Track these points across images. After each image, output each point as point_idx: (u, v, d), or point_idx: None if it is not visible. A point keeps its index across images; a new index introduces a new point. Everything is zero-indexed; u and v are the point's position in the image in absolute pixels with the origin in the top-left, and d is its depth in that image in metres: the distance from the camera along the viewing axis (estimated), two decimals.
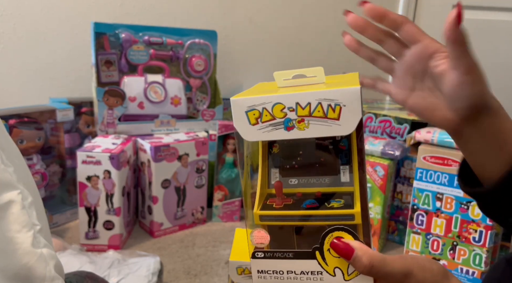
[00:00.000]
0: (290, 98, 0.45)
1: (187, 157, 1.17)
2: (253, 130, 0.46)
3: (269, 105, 0.45)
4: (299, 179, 0.51)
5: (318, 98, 0.44)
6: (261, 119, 0.46)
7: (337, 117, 0.44)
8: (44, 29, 1.38)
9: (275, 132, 0.46)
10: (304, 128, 0.45)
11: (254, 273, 0.49)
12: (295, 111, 0.45)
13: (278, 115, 0.45)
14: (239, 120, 0.47)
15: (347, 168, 0.49)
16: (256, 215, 0.49)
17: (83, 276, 0.68)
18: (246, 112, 0.46)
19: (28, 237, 0.49)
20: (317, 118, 0.44)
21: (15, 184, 0.50)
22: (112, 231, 1.07)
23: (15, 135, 1.07)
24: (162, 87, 1.24)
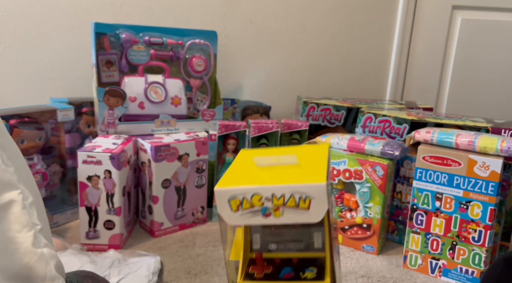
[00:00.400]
0: (267, 190, 0.51)
1: (187, 157, 1.18)
2: (235, 216, 0.53)
3: (248, 194, 0.52)
4: (278, 244, 0.58)
5: (291, 191, 0.51)
6: (241, 206, 0.52)
7: (307, 207, 0.50)
8: (44, 29, 1.38)
9: (254, 218, 0.52)
10: (279, 215, 0.51)
11: None
12: (271, 201, 0.51)
13: (256, 204, 0.52)
14: (222, 207, 0.53)
15: (320, 234, 0.56)
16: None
17: (84, 276, 0.68)
18: (228, 200, 0.52)
19: (29, 237, 0.49)
20: (290, 208, 0.51)
21: (16, 184, 0.50)
22: (112, 231, 1.07)
23: (16, 135, 1.07)
24: (162, 87, 1.25)
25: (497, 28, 1.74)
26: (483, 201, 0.96)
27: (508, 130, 1.06)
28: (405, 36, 1.77)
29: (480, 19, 1.75)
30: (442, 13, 1.76)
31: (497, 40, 1.75)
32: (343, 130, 1.40)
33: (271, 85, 1.69)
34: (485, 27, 1.75)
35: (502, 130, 1.07)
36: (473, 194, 0.97)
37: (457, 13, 1.76)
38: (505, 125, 1.09)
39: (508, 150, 0.93)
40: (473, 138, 0.97)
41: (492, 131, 1.07)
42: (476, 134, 0.98)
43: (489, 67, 1.78)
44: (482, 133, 1.00)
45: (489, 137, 0.97)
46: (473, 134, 0.98)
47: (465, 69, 1.80)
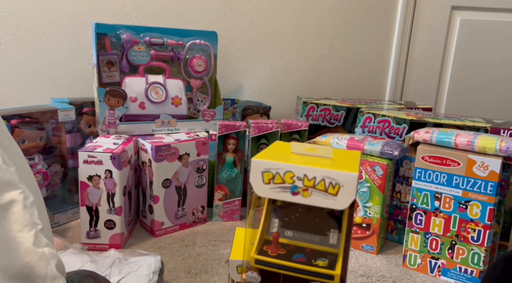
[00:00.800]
0: (300, 170, 0.54)
1: (187, 157, 1.18)
2: (265, 188, 0.55)
3: (282, 171, 0.54)
4: (294, 232, 0.59)
5: (323, 175, 0.53)
6: (273, 180, 0.55)
7: (335, 194, 0.53)
8: (45, 30, 1.38)
9: (282, 194, 0.55)
10: (307, 196, 0.54)
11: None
12: (302, 181, 0.54)
13: (288, 181, 0.54)
14: (255, 177, 0.56)
15: (336, 232, 0.57)
16: (252, 258, 0.57)
17: (84, 275, 0.68)
18: (262, 172, 0.55)
19: (30, 237, 0.50)
20: (319, 190, 0.53)
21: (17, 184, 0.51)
22: (113, 231, 1.08)
23: (17, 135, 1.07)
24: (163, 88, 1.25)
25: (496, 28, 1.74)
26: (482, 200, 0.96)
27: (507, 130, 1.06)
28: (404, 37, 1.77)
29: (479, 19, 1.75)
30: (441, 14, 1.76)
31: (496, 41, 1.75)
32: (342, 130, 1.40)
33: (271, 85, 1.70)
34: (484, 27, 1.75)
35: (501, 130, 1.07)
36: (472, 194, 0.97)
37: (456, 13, 1.76)
38: (504, 125, 1.10)
39: (507, 150, 0.94)
40: (472, 138, 0.97)
41: (491, 131, 1.07)
42: (475, 134, 0.98)
43: (488, 68, 1.78)
44: (481, 133, 1.00)
45: (488, 137, 0.97)
46: (472, 134, 0.99)
47: (464, 70, 1.80)
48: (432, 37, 1.78)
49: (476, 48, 1.78)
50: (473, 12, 1.76)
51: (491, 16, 1.75)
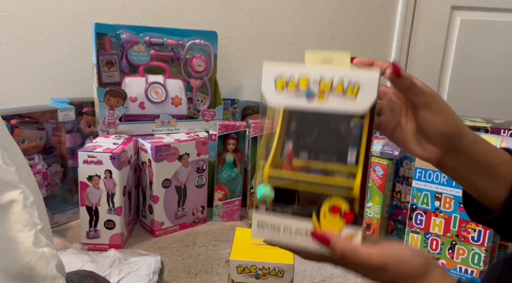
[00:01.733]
0: (316, 73, 0.49)
1: (187, 157, 1.18)
2: (278, 95, 0.51)
3: (296, 75, 0.50)
4: (309, 154, 0.54)
5: (341, 76, 0.48)
6: (287, 87, 0.51)
7: (354, 96, 0.48)
8: (45, 30, 1.38)
9: (297, 100, 0.50)
10: (323, 100, 0.49)
11: (254, 225, 0.52)
12: (318, 85, 0.49)
13: (302, 86, 0.50)
14: (267, 85, 0.51)
15: (355, 151, 0.52)
16: (265, 174, 0.52)
17: (84, 275, 0.68)
18: (275, 78, 0.51)
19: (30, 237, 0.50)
20: (337, 93, 0.49)
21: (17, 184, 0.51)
22: (113, 231, 1.08)
23: (17, 135, 1.07)
24: (162, 88, 1.25)
25: (497, 28, 1.74)
26: None
27: (507, 130, 1.06)
28: (404, 37, 1.77)
29: (479, 19, 1.75)
30: (441, 14, 1.76)
31: (496, 41, 1.75)
32: None
33: None
34: (485, 27, 1.75)
35: (501, 130, 1.07)
36: None
37: (457, 13, 1.76)
38: (504, 125, 1.09)
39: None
40: None
41: (491, 131, 1.07)
42: None
43: (488, 67, 1.78)
44: (481, 133, 1.00)
45: (488, 137, 0.97)
46: None
47: (464, 69, 1.80)
48: (432, 37, 1.78)
49: (476, 48, 1.77)
50: (474, 12, 1.76)
51: (491, 16, 1.75)
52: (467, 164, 0.54)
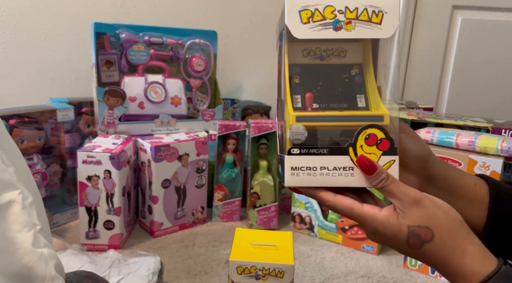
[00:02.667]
0: (341, 2, 0.51)
1: (187, 157, 1.18)
2: (304, 28, 0.51)
3: (321, 6, 0.51)
4: (320, 104, 0.55)
5: (365, 4, 0.51)
6: (312, 18, 0.51)
7: (379, 22, 0.51)
8: (44, 29, 1.38)
9: (324, 31, 0.51)
10: (351, 29, 0.51)
11: (287, 170, 0.51)
12: (344, 14, 0.51)
13: (328, 16, 0.51)
14: (292, 18, 0.52)
15: (363, 96, 0.54)
16: (292, 116, 0.52)
17: (84, 276, 0.68)
18: (299, 11, 0.51)
19: (29, 237, 0.49)
20: (363, 21, 0.51)
21: (16, 184, 0.50)
22: (112, 231, 1.07)
23: (16, 135, 1.07)
24: (162, 87, 1.25)
25: (498, 28, 1.74)
26: None
27: (508, 130, 1.06)
28: (405, 36, 1.77)
29: (480, 19, 1.75)
30: (442, 13, 1.76)
31: (497, 40, 1.75)
32: None
33: (271, 85, 1.69)
34: (486, 27, 1.75)
35: (502, 130, 1.06)
36: None
37: (457, 13, 1.76)
38: (505, 125, 1.09)
39: (508, 150, 0.93)
40: (473, 138, 0.97)
41: (493, 131, 1.07)
42: (477, 134, 0.98)
43: (489, 67, 1.78)
44: (483, 133, 1.00)
45: (490, 137, 0.97)
46: (473, 134, 0.98)
47: (465, 69, 1.80)
48: (433, 37, 1.78)
49: (477, 48, 1.77)
50: (474, 11, 1.75)
51: (492, 15, 1.74)
52: (445, 191, 0.56)
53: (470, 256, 0.47)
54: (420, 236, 0.48)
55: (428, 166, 0.56)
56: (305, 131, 0.51)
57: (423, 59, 1.80)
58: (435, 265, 0.49)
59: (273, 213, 1.24)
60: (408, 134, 0.55)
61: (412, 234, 0.48)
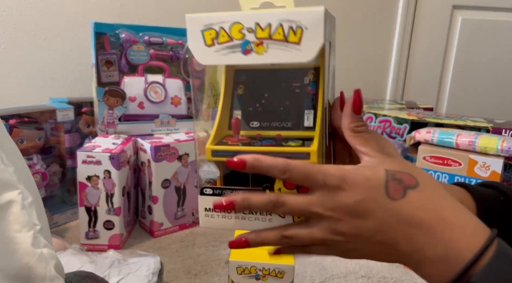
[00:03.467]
0: (250, 18, 0.42)
1: (187, 157, 1.17)
2: (209, 52, 0.44)
3: (227, 24, 0.43)
4: (261, 122, 0.48)
5: (280, 19, 0.41)
6: (217, 40, 0.43)
7: (297, 41, 0.41)
8: (44, 29, 1.38)
9: (232, 55, 0.43)
10: (263, 52, 0.42)
11: (201, 211, 0.46)
12: (254, 33, 0.42)
13: (236, 36, 0.43)
14: (194, 40, 0.44)
15: (312, 112, 0.46)
16: (208, 150, 0.46)
17: (83, 276, 0.68)
18: (202, 31, 0.44)
19: (28, 237, 0.49)
20: (277, 41, 0.41)
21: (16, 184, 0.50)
22: (112, 231, 1.07)
23: (16, 135, 1.07)
24: (162, 87, 1.25)
25: (498, 28, 1.74)
26: None
27: (508, 130, 1.06)
28: (405, 36, 1.77)
29: (480, 19, 1.75)
30: (442, 13, 1.76)
31: (497, 40, 1.75)
32: None
33: None
34: (486, 27, 1.75)
35: (502, 130, 1.06)
36: None
37: (458, 13, 1.76)
38: (505, 125, 1.09)
39: (508, 150, 0.93)
40: (473, 138, 0.97)
41: (493, 131, 1.07)
42: (477, 134, 0.98)
43: (489, 67, 1.78)
44: (483, 133, 1.00)
45: (490, 137, 0.97)
46: (473, 134, 0.98)
47: (466, 69, 1.80)
48: (433, 37, 1.78)
49: (477, 48, 1.77)
50: (474, 11, 1.76)
51: (492, 15, 1.75)
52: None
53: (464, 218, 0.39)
54: (401, 180, 0.39)
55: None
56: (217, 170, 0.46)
57: (423, 59, 1.81)
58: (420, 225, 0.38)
59: None
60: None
61: (391, 177, 0.38)
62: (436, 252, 0.37)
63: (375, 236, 0.39)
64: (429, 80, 1.83)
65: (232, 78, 0.49)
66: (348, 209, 0.38)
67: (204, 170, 0.46)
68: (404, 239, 0.38)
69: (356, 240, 0.39)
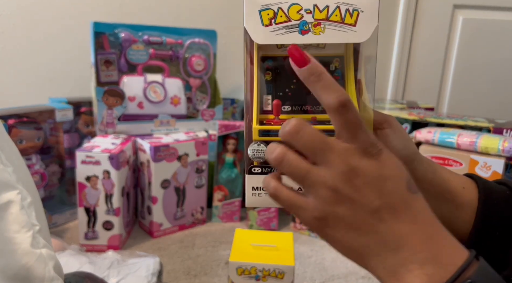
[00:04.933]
0: (308, 0, 0.43)
1: (186, 157, 1.17)
2: (265, 31, 0.44)
3: (285, 5, 0.43)
4: (293, 106, 0.49)
5: (337, 1, 0.43)
6: (275, 20, 0.44)
7: (353, 23, 0.43)
8: (43, 29, 1.37)
9: (289, 35, 0.44)
10: (320, 32, 0.43)
11: (248, 190, 0.47)
12: (312, 14, 0.43)
13: (294, 17, 0.43)
14: (251, 20, 0.45)
15: None
16: (255, 129, 0.46)
17: (83, 277, 0.67)
18: (259, 11, 0.44)
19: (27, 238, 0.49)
20: (334, 22, 0.43)
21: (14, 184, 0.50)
22: (111, 232, 1.07)
23: (14, 135, 1.06)
24: (161, 87, 1.24)
25: (499, 27, 1.74)
26: None
27: (510, 130, 1.06)
28: (406, 36, 1.77)
29: (481, 18, 1.75)
30: (443, 12, 1.76)
31: (498, 40, 1.75)
32: None
33: None
34: (487, 26, 1.75)
35: (503, 130, 1.06)
36: None
37: (459, 12, 1.76)
38: (506, 125, 1.09)
39: (509, 150, 0.93)
40: (474, 138, 0.96)
41: (494, 131, 1.07)
42: (478, 134, 0.98)
43: (490, 67, 1.78)
44: (484, 133, 0.99)
45: (491, 137, 0.96)
46: (474, 134, 0.98)
47: (467, 69, 1.80)
48: (434, 36, 1.78)
49: (478, 47, 1.77)
50: (476, 11, 1.75)
51: (493, 15, 1.74)
52: (431, 194, 0.51)
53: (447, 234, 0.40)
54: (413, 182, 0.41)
55: (414, 167, 0.50)
56: (265, 149, 0.45)
57: (424, 59, 1.80)
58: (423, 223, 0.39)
59: (273, 214, 1.23)
60: (394, 129, 0.50)
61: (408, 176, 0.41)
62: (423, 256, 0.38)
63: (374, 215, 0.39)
64: (430, 79, 1.82)
65: (259, 64, 0.50)
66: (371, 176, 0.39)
67: (253, 148, 0.46)
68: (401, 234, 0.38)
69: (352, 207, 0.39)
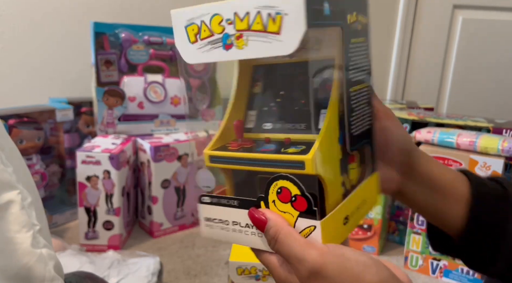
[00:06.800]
0: (228, 8, 0.36)
1: (187, 157, 1.17)
2: (192, 49, 0.39)
3: (207, 17, 0.38)
4: (274, 124, 0.44)
5: (257, 5, 0.35)
6: (200, 35, 0.39)
7: (277, 31, 0.35)
8: (43, 29, 1.38)
9: (214, 52, 0.38)
10: (243, 46, 0.37)
11: (202, 220, 0.44)
12: (233, 24, 0.37)
13: (216, 30, 0.38)
14: (179, 37, 0.40)
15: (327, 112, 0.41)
16: (205, 155, 0.44)
17: (83, 277, 0.67)
18: (185, 27, 0.39)
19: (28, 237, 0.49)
20: (256, 32, 0.36)
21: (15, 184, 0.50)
22: (111, 231, 1.07)
23: (15, 135, 1.06)
24: (162, 87, 1.24)
25: (498, 27, 1.74)
26: None
27: (509, 130, 1.06)
28: (405, 36, 1.77)
29: (481, 18, 1.75)
30: (443, 13, 1.76)
31: (498, 40, 1.75)
32: None
33: None
34: (486, 26, 1.75)
35: (503, 130, 1.06)
36: None
37: (458, 12, 1.76)
38: (506, 125, 1.09)
39: (509, 150, 0.93)
40: (474, 138, 0.96)
41: (493, 131, 1.07)
42: (477, 134, 0.98)
43: (490, 67, 1.78)
44: (483, 133, 0.99)
45: (490, 137, 0.96)
46: (474, 134, 0.98)
47: (466, 69, 1.80)
48: (434, 37, 1.78)
49: (478, 48, 1.77)
50: (475, 11, 1.75)
51: (493, 15, 1.74)
52: (427, 188, 0.51)
53: None
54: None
55: (411, 160, 0.50)
56: (214, 178, 0.43)
57: (424, 59, 1.80)
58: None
59: None
60: (393, 122, 0.49)
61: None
62: None
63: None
64: (429, 80, 1.83)
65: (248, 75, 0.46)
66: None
67: (201, 177, 0.43)
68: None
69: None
